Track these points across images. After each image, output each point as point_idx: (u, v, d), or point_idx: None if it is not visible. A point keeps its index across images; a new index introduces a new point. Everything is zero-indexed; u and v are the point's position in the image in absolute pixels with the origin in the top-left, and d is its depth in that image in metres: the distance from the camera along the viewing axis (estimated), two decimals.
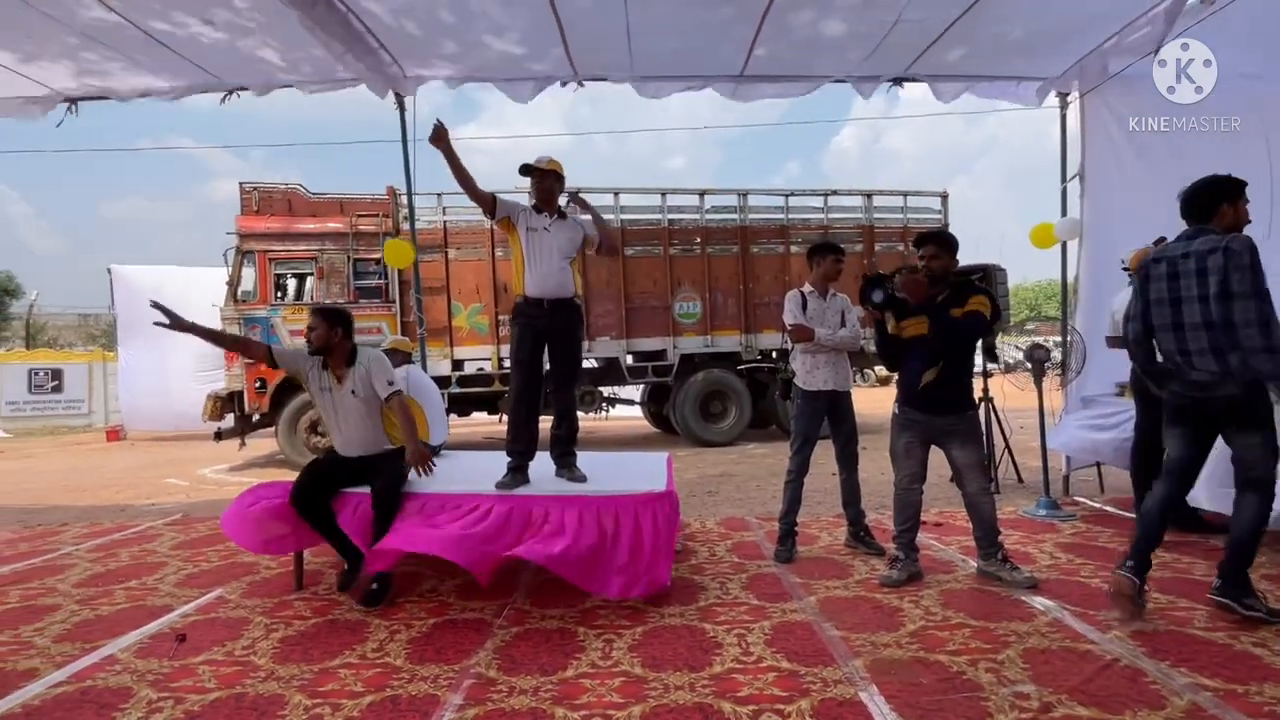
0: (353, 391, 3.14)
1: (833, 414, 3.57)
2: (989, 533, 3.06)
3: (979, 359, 3.27)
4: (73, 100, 4.92)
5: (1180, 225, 2.69)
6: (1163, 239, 3.86)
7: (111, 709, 2.10)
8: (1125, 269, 4.00)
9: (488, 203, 3.30)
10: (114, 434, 12.59)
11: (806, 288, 3.62)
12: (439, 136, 3.10)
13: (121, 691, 2.22)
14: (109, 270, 11.48)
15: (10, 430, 14.26)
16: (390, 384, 3.16)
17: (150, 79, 4.81)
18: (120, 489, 6.85)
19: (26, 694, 2.22)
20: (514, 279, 3.36)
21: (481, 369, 8.31)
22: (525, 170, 3.27)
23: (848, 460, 3.61)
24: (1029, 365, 4.49)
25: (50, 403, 14.82)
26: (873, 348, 3.49)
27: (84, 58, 4.49)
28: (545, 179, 3.30)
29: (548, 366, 3.38)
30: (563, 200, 3.43)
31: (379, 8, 4.04)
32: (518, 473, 3.27)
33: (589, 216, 3.43)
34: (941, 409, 3.02)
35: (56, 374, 14.94)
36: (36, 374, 14.82)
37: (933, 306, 2.98)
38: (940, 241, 3.06)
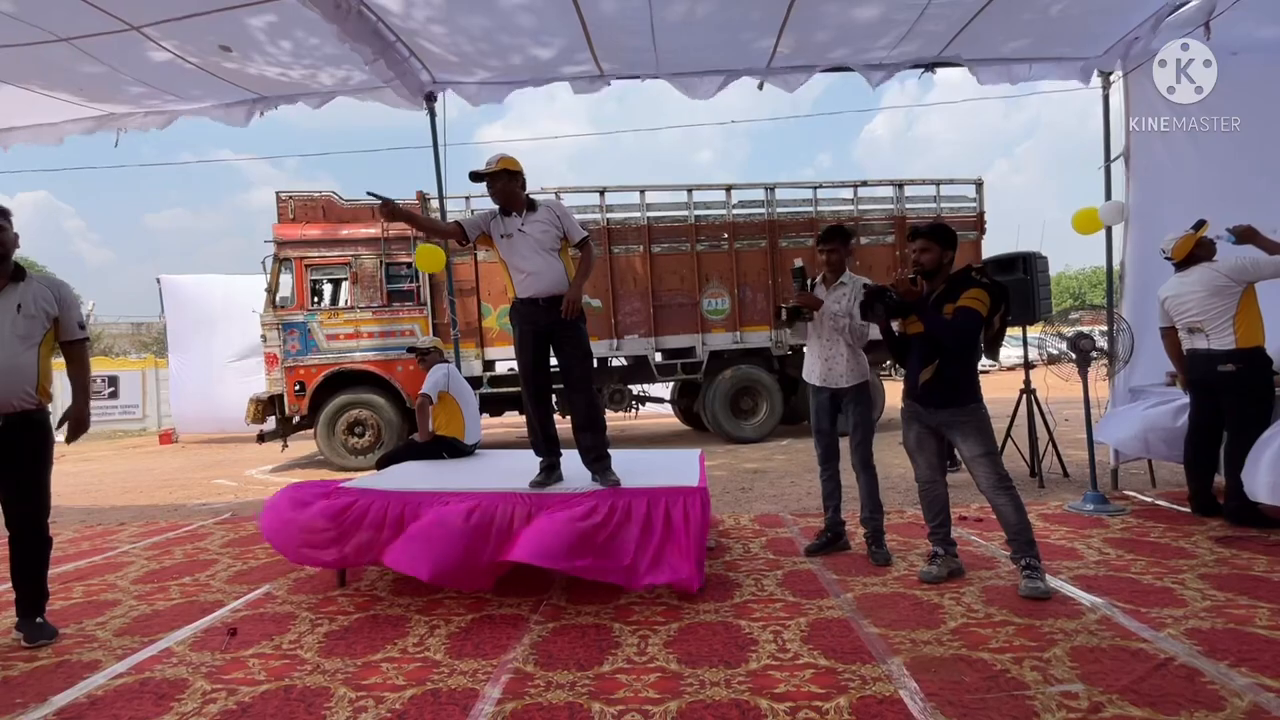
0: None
1: (845, 409, 3.41)
2: (1012, 535, 2.85)
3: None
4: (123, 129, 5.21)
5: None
6: (1204, 222, 3.70)
7: (169, 699, 2.20)
8: (1168, 258, 3.84)
9: (456, 233, 3.23)
10: (167, 437, 13.14)
11: (819, 275, 3.49)
12: (390, 214, 3.07)
13: (178, 683, 2.32)
14: (158, 280, 11.96)
15: None
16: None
17: (196, 103, 5.08)
18: (173, 489, 7.15)
19: (91, 684, 2.33)
20: (506, 282, 3.26)
21: (512, 369, 8.41)
22: (474, 177, 3.09)
23: (855, 459, 3.38)
24: (1073, 356, 4.33)
25: (107, 408, 15.52)
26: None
27: (134, 92, 4.78)
28: (496, 181, 3.09)
29: (555, 366, 3.28)
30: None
31: (417, 20, 4.14)
32: (551, 470, 3.29)
33: (553, 197, 3.36)
34: (940, 403, 2.93)
35: (113, 381, 15.66)
36: (94, 381, 15.49)
37: (924, 303, 2.91)
38: (930, 235, 2.94)
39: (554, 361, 3.30)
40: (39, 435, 2.72)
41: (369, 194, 3.11)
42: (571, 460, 3.36)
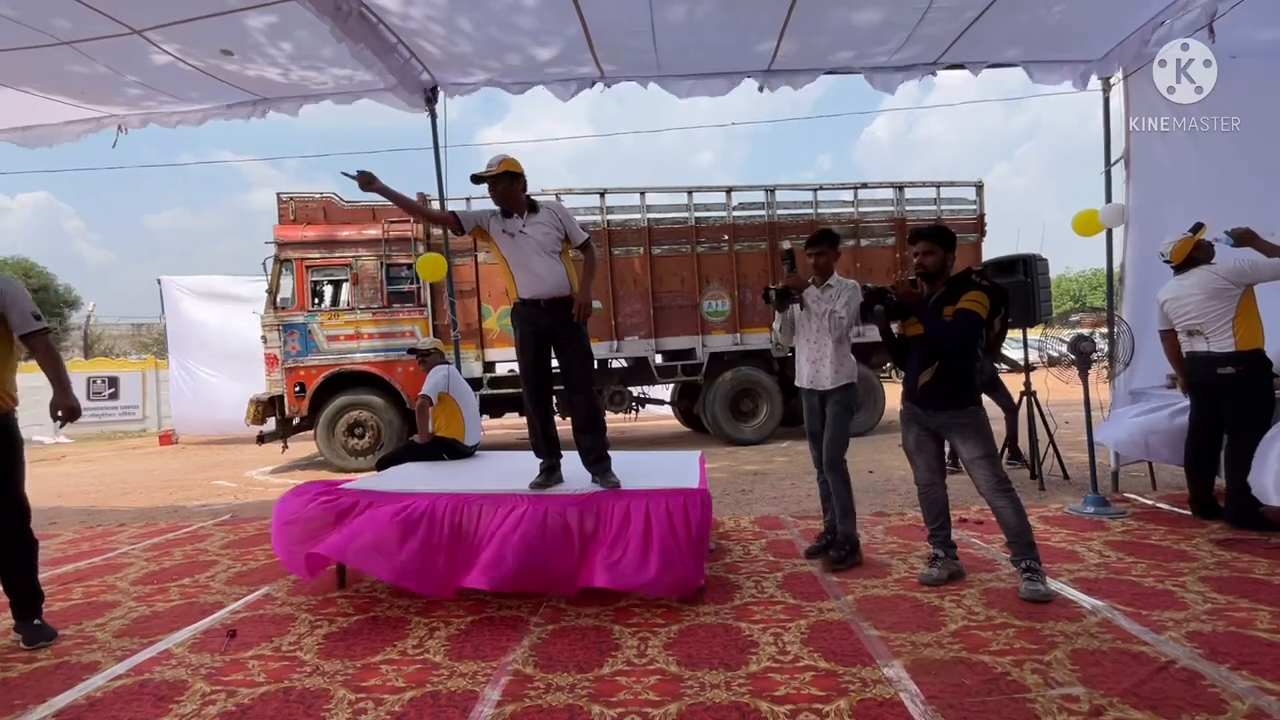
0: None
1: (827, 409, 3.37)
2: (1013, 537, 2.85)
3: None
4: (123, 127, 5.22)
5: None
6: (1201, 225, 3.70)
7: (168, 700, 2.19)
8: (1166, 261, 3.84)
9: (450, 222, 3.20)
10: (166, 438, 13.12)
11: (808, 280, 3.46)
12: (368, 183, 2.95)
13: (177, 684, 2.31)
14: (159, 281, 11.97)
15: (71, 436, 14.98)
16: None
17: (196, 105, 5.09)
18: (173, 491, 7.14)
19: (90, 686, 2.33)
20: (507, 283, 3.24)
21: (513, 370, 8.40)
22: (477, 180, 3.09)
23: (825, 458, 3.31)
24: (1073, 358, 4.33)
25: (108, 409, 15.50)
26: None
27: (133, 94, 4.79)
28: (498, 184, 3.09)
29: (556, 367, 3.27)
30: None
31: (417, 20, 4.14)
32: (551, 472, 3.28)
33: (554, 199, 3.33)
34: (939, 405, 2.92)
35: (113, 381, 15.63)
36: (95, 382, 15.52)
37: (924, 305, 2.91)
38: (932, 237, 2.93)
39: (555, 363, 3.30)
40: (6, 440, 2.66)
41: (344, 174, 2.99)
42: (572, 461, 3.36)
